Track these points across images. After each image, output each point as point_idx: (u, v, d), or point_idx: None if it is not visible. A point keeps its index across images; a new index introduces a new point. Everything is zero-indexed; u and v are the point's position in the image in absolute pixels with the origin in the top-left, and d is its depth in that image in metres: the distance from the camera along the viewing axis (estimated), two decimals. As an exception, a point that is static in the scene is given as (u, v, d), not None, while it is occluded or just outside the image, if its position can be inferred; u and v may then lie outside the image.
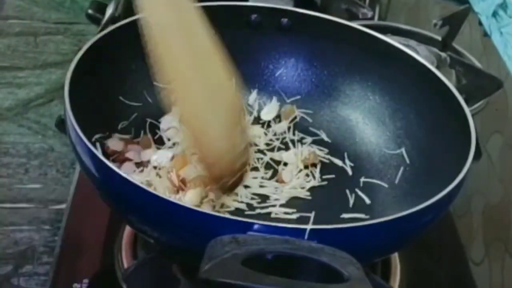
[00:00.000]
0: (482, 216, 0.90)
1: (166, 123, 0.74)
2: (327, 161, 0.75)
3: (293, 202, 0.70)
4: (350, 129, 0.77)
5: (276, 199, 0.69)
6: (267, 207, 0.68)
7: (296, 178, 0.72)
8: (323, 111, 0.79)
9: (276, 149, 0.76)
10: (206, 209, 0.65)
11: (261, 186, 0.70)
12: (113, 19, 0.86)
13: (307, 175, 0.73)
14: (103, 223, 0.75)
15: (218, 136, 0.59)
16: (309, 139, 0.77)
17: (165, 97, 0.63)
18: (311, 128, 0.78)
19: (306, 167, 0.74)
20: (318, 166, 0.74)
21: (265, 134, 0.77)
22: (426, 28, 0.97)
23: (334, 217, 0.68)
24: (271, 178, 0.72)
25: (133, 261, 0.70)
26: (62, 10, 1.21)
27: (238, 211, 0.67)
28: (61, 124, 0.74)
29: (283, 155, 0.75)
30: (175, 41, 0.58)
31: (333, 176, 0.73)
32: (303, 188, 0.71)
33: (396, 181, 0.72)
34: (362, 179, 0.73)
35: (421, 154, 0.72)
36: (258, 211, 0.68)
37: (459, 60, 0.90)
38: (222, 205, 0.67)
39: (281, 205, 0.69)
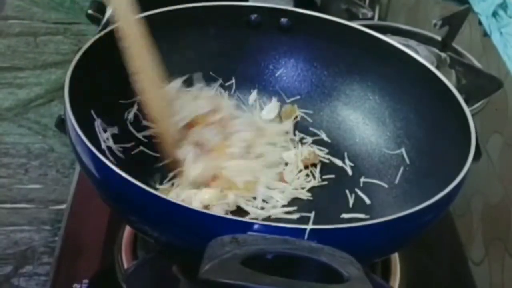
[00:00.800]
0: (482, 216, 0.90)
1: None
2: (327, 161, 0.75)
3: (293, 202, 0.70)
4: (350, 129, 0.77)
5: (277, 200, 0.69)
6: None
7: (296, 178, 0.72)
8: (323, 111, 0.79)
9: None
10: (215, 210, 0.65)
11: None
12: (113, 19, 0.86)
13: (307, 175, 0.73)
14: (103, 223, 0.76)
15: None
16: (309, 139, 0.77)
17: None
18: (311, 128, 0.78)
19: (306, 167, 0.74)
20: (318, 166, 0.74)
21: None
22: (426, 28, 0.97)
23: (334, 217, 0.68)
24: (271, 178, 0.72)
25: (133, 261, 0.70)
26: (62, 10, 1.21)
27: (240, 211, 0.67)
28: (61, 124, 0.74)
29: (284, 155, 0.75)
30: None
31: (333, 176, 0.74)
32: (303, 188, 0.71)
33: (396, 181, 0.72)
34: (362, 179, 0.73)
35: (421, 154, 0.72)
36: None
37: (459, 60, 0.90)
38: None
39: (282, 205, 0.69)
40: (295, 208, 0.68)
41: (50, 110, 0.99)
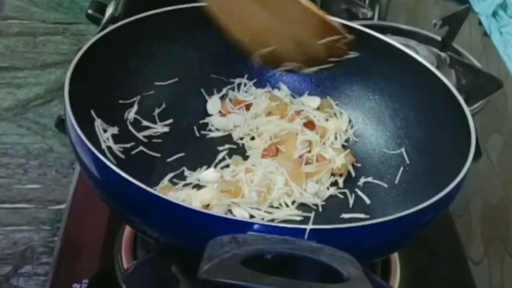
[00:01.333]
0: (482, 216, 0.90)
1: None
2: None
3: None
4: (350, 129, 0.77)
5: (287, 205, 0.68)
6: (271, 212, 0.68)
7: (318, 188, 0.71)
8: (323, 111, 0.79)
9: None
10: (215, 210, 0.65)
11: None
12: (113, 19, 0.86)
13: (332, 184, 0.72)
14: (103, 223, 0.75)
15: None
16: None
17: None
18: (311, 128, 0.78)
19: (332, 174, 0.72)
20: (343, 177, 0.73)
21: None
22: (426, 28, 0.97)
23: (334, 217, 0.68)
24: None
25: (133, 261, 0.70)
26: (61, 10, 1.21)
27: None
28: (61, 124, 0.74)
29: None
30: None
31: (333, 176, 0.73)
32: (318, 196, 0.70)
33: (396, 181, 0.72)
34: (362, 179, 0.73)
35: (421, 154, 0.72)
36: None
37: (459, 60, 0.90)
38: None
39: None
40: (299, 212, 0.68)
41: (50, 110, 0.99)
